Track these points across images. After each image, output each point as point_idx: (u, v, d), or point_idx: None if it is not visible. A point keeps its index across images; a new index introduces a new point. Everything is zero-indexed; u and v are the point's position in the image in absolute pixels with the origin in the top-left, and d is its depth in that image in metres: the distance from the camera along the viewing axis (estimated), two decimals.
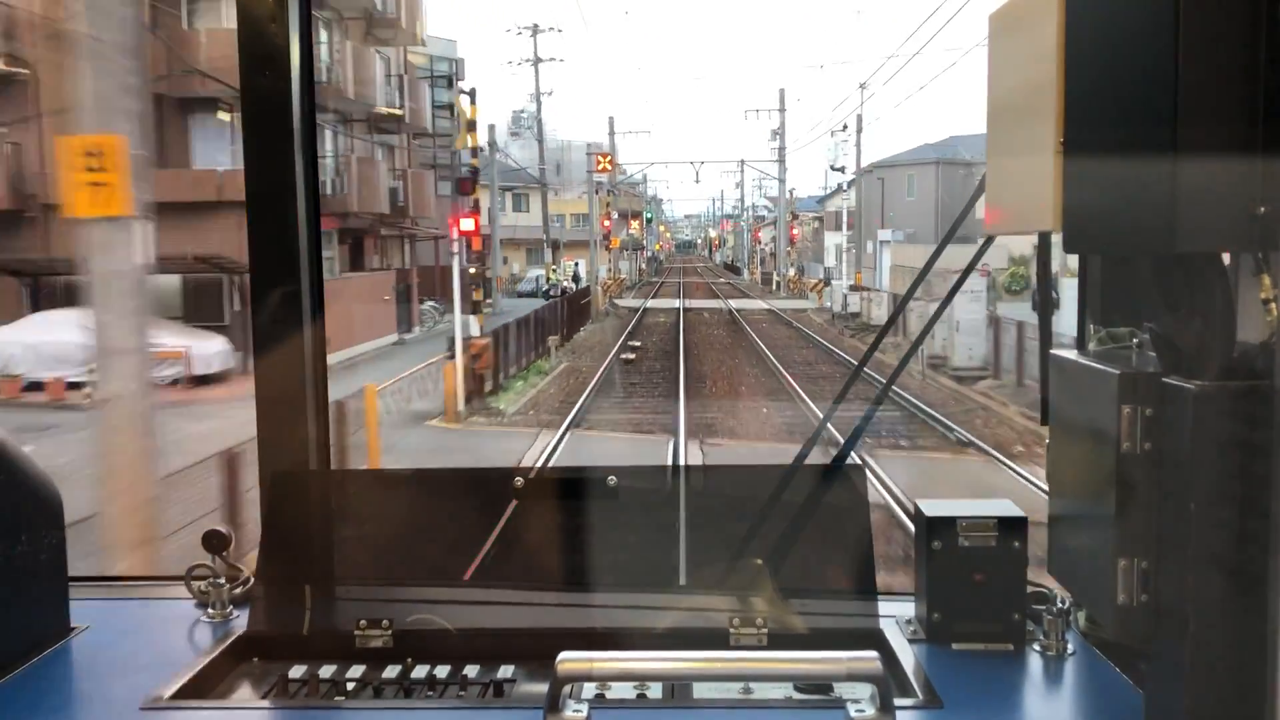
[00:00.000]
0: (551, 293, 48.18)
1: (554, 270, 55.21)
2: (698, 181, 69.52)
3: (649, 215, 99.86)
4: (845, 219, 53.34)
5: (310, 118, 2.10)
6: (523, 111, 60.75)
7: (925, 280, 2.43)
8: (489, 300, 40.52)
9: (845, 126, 49.45)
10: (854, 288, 41.54)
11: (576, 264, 57.14)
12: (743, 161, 74.38)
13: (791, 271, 65.34)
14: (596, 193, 57.46)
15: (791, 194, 72.34)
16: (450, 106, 40.55)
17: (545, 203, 58.89)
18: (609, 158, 53.27)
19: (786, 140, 65.34)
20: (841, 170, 50.91)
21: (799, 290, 59.17)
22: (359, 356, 25.73)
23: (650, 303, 52.22)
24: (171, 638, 1.95)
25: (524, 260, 70.23)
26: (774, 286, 68.20)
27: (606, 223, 55.03)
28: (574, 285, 51.19)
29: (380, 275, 33.13)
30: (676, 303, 49.58)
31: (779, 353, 27.96)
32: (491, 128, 46.94)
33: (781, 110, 65.84)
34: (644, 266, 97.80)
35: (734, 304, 49.62)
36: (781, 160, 67.37)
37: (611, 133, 62.97)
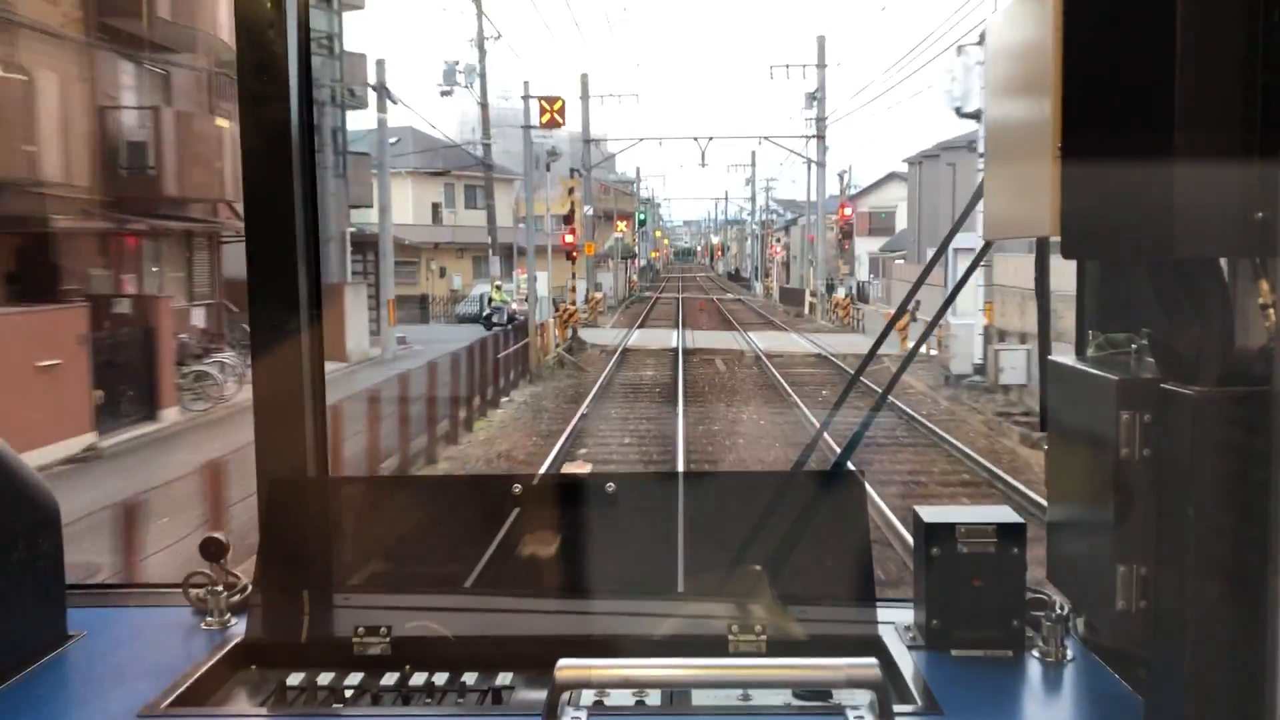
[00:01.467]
0: (495, 319, 35.15)
1: (499, 287, 38.35)
2: (704, 164, 52.45)
3: (642, 216, 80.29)
4: (962, 204, 17.23)
5: (309, 124, 2.10)
6: (458, 63, 39.13)
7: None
8: (377, 337, 28.35)
9: (981, 39, 19.24)
10: (996, 332, 21.76)
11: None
12: (763, 138, 49.66)
13: (840, 292, 44.58)
14: (547, 168, 40.22)
15: (844, 179, 51.65)
16: (330, 39, 28.13)
17: (491, 191, 41.37)
18: (558, 105, 34.48)
19: (820, 115, 45.82)
20: (975, 117, 24.65)
21: (849, 319, 40.34)
22: None
23: (636, 336, 35.30)
24: (169, 645, 1.94)
25: (470, 272, 52.10)
26: (807, 309, 49.09)
27: (571, 217, 38.85)
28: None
29: (45, 316, 15.24)
30: (673, 336, 33.92)
31: None
32: (380, 64, 29.92)
33: (820, 66, 45.31)
34: (635, 278, 79.19)
35: (759, 341, 32.59)
36: (820, 136, 45.93)
37: (585, 96, 44.29)
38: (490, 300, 38.45)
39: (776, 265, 79.09)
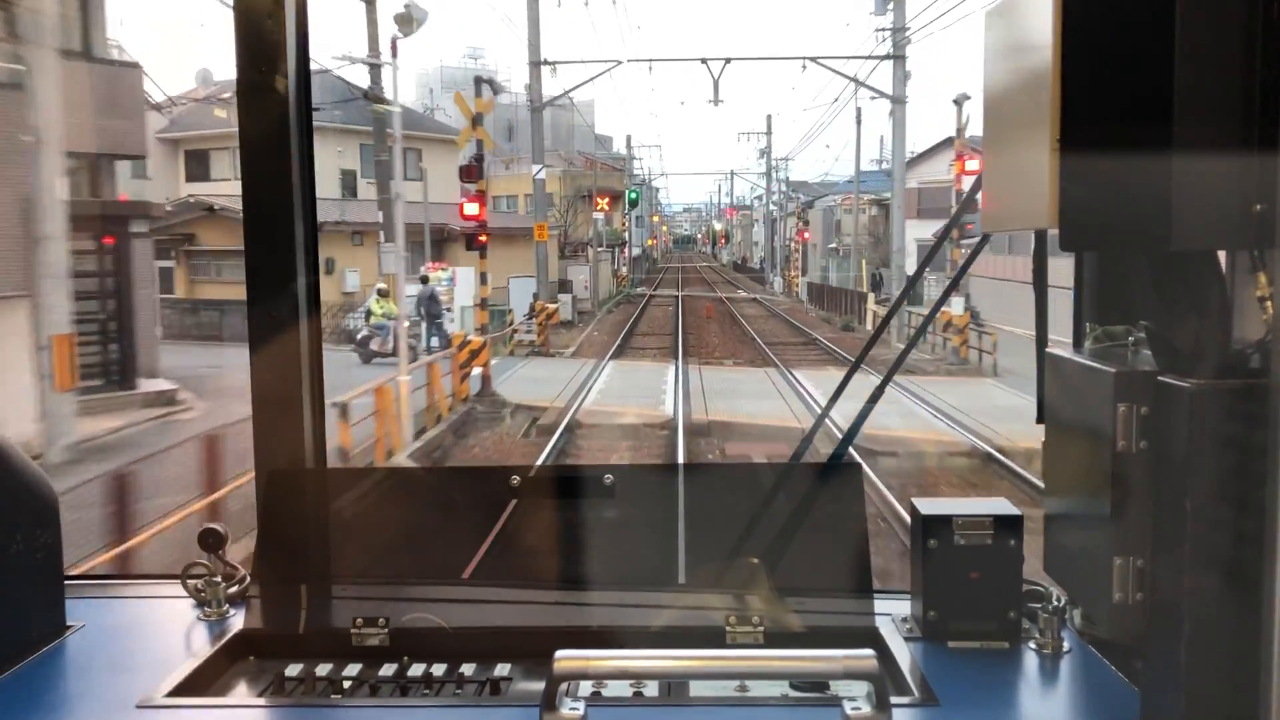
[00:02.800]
0: (375, 346, 22.91)
1: (384, 295, 23.71)
2: (717, 101, 32.29)
3: (634, 194, 61.25)
4: None
5: (307, 114, 2.09)
6: None
7: None
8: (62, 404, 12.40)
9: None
10: None
11: (448, 278, 26.06)
12: (808, 59, 31.10)
13: (957, 308, 25.20)
14: (393, 51, 19.60)
15: (960, 113, 29.51)
16: None
17: (380, 138, 24.31)
18: None
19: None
20: None
21: (967, 350, 24.95)
22: None
23: (604, 382, 21.19)
24: (167, 636, 1.95)
25: (380, 266, 28.69)
26: (869, 321, 33.06)
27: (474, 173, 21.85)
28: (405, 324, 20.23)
29: None
30: (666, 385, 20.13)
31: None
32: None
33: None
34: (624, 271, 63.87)
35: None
36: (899, 56, 30.54)
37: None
38: (369, 315, 23.57)
39: (804, 254, 63.32)
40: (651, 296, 51.99)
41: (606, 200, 48.84)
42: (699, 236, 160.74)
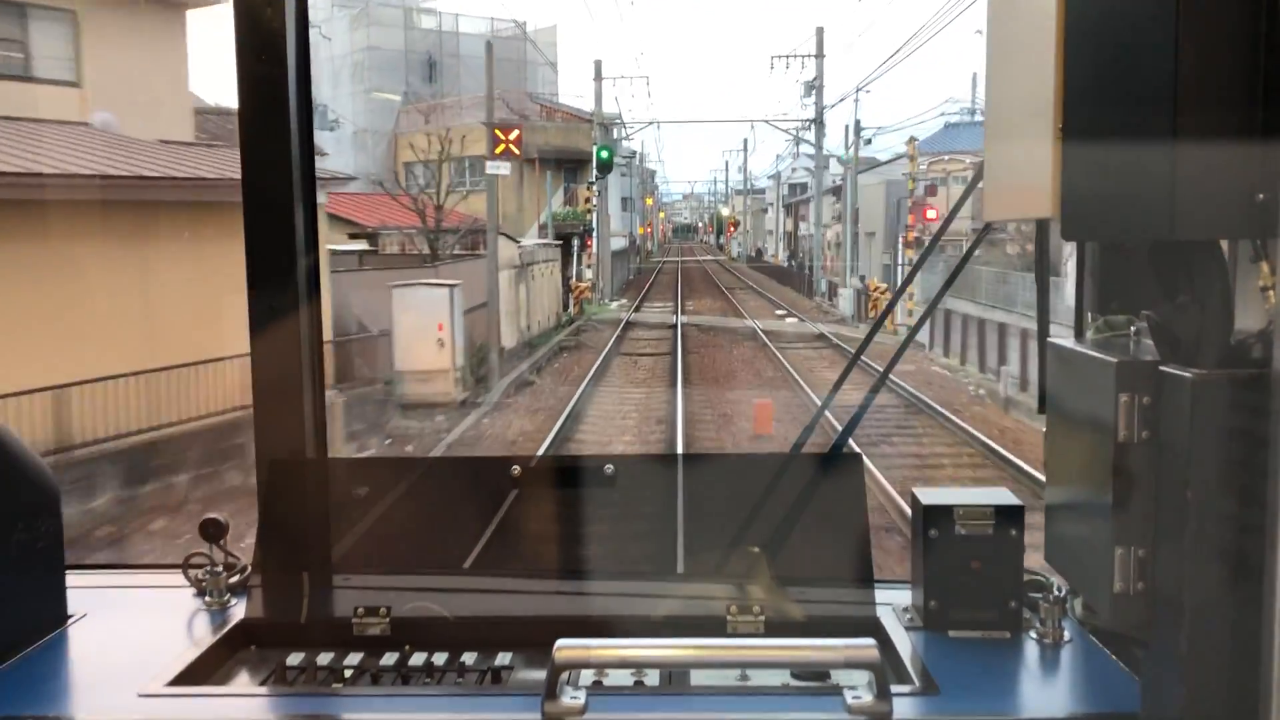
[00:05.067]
0: None
1: None
2: None
3: (605, 152, 38.02)
4: None
5: (307, 103, 2.09)
6: None
7: None
8: None
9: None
10: None
11: None
12: None
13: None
14: None
15: None
16: None
17: None
18: None
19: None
20: None
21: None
22: None
23: None
24: (169, 625, 1.95)
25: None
26: None
27: None
28: None
29: None
30: None
31: None
32: None
33: None
34: (587, 277, 41.64)
35: None
36: None
37: None
38: None
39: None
40: (629, 326, 30.99)
41: (514, 136, 25.36)
42: (701, 225, 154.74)
